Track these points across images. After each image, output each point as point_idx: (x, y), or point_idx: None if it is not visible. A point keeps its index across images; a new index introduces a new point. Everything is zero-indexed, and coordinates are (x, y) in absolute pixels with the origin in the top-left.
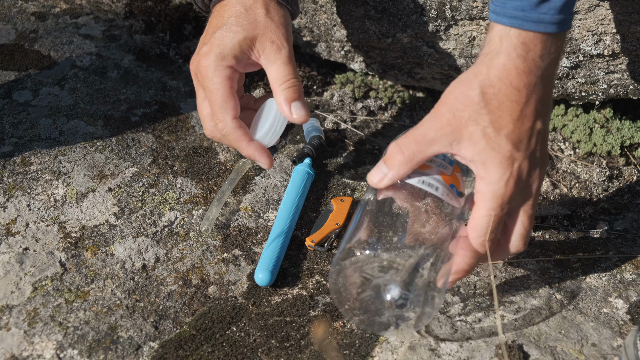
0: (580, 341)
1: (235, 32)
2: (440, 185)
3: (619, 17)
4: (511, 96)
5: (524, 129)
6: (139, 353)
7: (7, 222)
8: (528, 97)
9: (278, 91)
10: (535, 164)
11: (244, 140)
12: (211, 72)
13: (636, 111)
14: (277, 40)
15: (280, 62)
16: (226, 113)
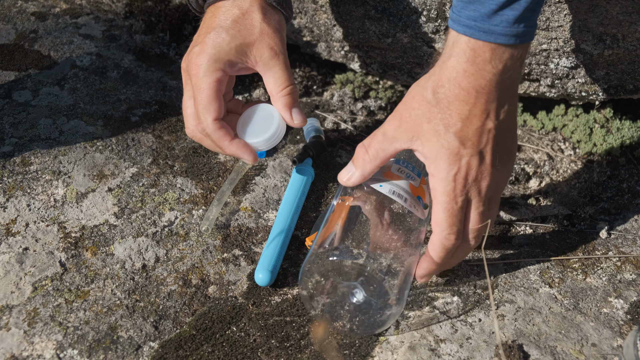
0: (580, 341)
1: (232, 35)
2: (408, 197)
3: (619, 17)
4: (459, 96)
5: (472, 127)
6: (139, 353)
7: (7, 222)
8: (477, 98)
9: (278, 97)
10: (484, 162)
11: (225, 140)
12: (202, 72)
13: (636, 111)
14: (274, 46)
15: (278, 69)
16: (208, 114)
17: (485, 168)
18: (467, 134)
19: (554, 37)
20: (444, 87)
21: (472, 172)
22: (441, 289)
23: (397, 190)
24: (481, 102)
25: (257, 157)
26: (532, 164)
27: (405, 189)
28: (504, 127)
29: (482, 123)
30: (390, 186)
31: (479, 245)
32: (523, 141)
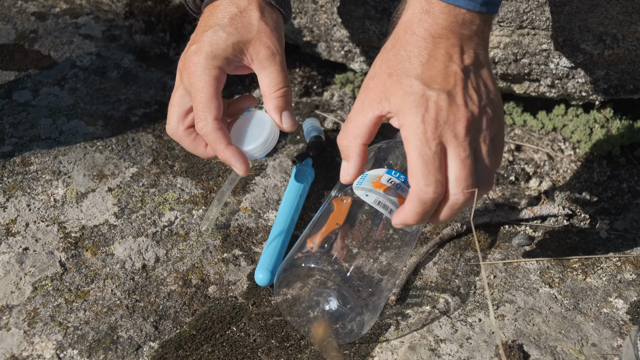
0: (580, 341)
1: (229, 33)
2: (394, 208)
3: (619, 17)
4: (417, 43)
5: (435, 69)
6: (139, 353)
7: (7, 222)
8: (434, 43)
9: (270, 98)
10: (455, 102)
11: (222, 143)
12: (200, 70)
13: (636, 111)
14: (271, 45)
15: (273, 69)
16: (209, 113)
17: (458, 108)
18: (430, 75)
19: (554, 37)
20: (401, 40)
21: (442, 112)
22: (441, 289)
23: (382, 200)
24: (440, 47)
25: (249, 168)
26: (532, 164)
27: (393, 200)
28: (472, 71)
29: (444, 65)
30: (376, 196)
31: (480, 247)
32: (523, 141)
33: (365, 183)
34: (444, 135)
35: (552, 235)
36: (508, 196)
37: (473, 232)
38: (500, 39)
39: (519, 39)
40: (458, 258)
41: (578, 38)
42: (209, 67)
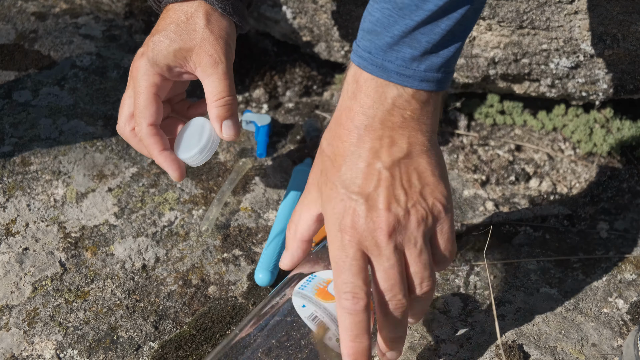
0: (580, 341)
1: (172, 40)
2: (332, 326)
3: (619, 17)
4: (341, 136)
5: (356, 170)
6: (139, 353)
7: (7, 222)
8: (359, 137)
9: (211, 107)
10: (376, 208)
11: (156, 149)
12: (141, 75)
13: (636, 111)
14: (214, 54)
15: (215, 77)
16: (144, 118)
17: (378, 214)
18: (351, 177)
19: (554, 37)
20: (329, 132)
21: (360, 220)
22: (441, 289)
23: (320, 315)
24: (365, 141)
25: (183, 174)
26: (532, 164)
27: (334, 316)
28: (404, 164)
29: (367, 163)
30: (313, 310)
31: (479, 248)
32: (523, 141)
33: (309, 288)
34: (363, 243)
35: (552, 235)
36: (508, 196)
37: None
38: (500, 39)
39: (519, 39)
40: (458, 258)
41: (578, 38)
42: (148, 73)
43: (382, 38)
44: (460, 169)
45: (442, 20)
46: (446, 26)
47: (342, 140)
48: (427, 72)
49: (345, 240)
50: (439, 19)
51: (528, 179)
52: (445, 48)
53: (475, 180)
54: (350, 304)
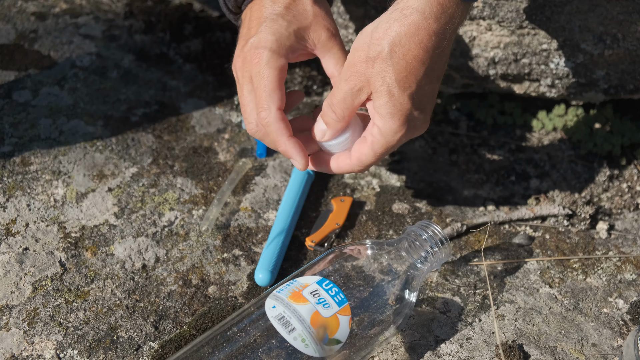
0: (580, 341)
1: (289, 21)
2: (299, 328)
3: (619, 17)
4: (418, 56)
5: (426, 90)
6: (139, 353)
7: (7, 222)
8: (434, 60)
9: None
10: (425, 115)
11: (284, 134)
12: (265, 60)
13: (636, 111)
14: (330, 27)
15: (337, 49)
16: (272, 102)
17: (423, 123)
18: (420, 96)
19: (554, 37)
20: (403, 46)
21: (413, 131)
22: (441, 289)
23: (287, 316)
24: (438, 65)
25: (308, 163)
26: (532, 164)
27: (302, 318)
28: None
29: (430, 83)
30: (282, 310)
31: (479, 248)
32: (523, 141)
33: (285, 291)
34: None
35: (552, 235)
36: (508, 196)
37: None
38: (500, 39)
39: (519, 39)
40: (458, 258)
41: (578, 38)
42: (274, 58)
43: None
44: (460, 169)
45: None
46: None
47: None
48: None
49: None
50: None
51: (528, 179)
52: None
53: (475, 180)
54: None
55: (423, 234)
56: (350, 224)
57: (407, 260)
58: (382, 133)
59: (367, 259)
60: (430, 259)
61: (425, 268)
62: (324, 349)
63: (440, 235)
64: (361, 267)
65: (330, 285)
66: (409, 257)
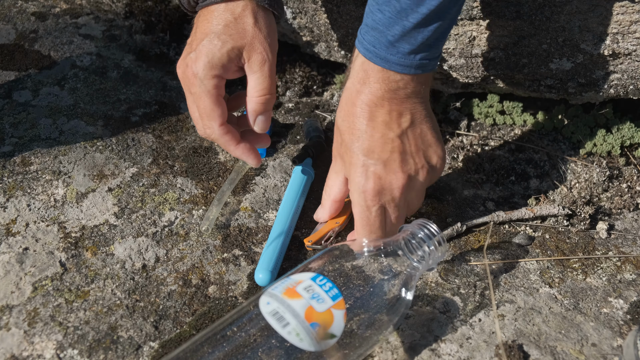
0: (580, 341)
1: (224, 41)
2: (293, 322)
3: (619, 17)
4: (356, 113)
5: (374, 140)
6: (139, 353)
7: (7, 222)
8: (372, 112)
9: (251, 101)
10: (392, 169)
11: (231, 145)
12: (199, 81)
13: (636, 111)
14: (263, 52)
15: (260, 74)
16: (213, 121)
17: (395, 175)
18: (370, 145)
19: (554, 37)
20: (342, 110)
21: (380, 180)
22: (441, 289)
23: (281, 311)
24: (378, 115)
25: (260, 160)
26: (532, 164)
27: (296, 312)
28: (410, 130)
29: (382, 134)
30: (276, 306)
31: (479, 248)
32: (523, 141)
33: (279, 288)
34: (382, 199)
35: (552, 235)
36: (508, 196)
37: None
38: (500, 39)
39: (519, 39)
40: (458, 258)
41: (578, 38)
42: (208, 77)
43: (385, 36)
44: (460, 169)
45: (434, 20)
46: (437, 25)
47: (356, 116)
48: (422, 60)
49: (368, 200)
50: (431, 20)
51: (528, 179)
52: (437, 40)
53: (475, 180)
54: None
55: (419, 232)
56: (350, 223)
57: (403, 258)
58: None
59: (364, 257)
60: (427, 258)
61: (422, 266)
62: (319, 343)
63: (436, 234)
64: (357, 265)
65: (324, 281)
66: (406, 256)
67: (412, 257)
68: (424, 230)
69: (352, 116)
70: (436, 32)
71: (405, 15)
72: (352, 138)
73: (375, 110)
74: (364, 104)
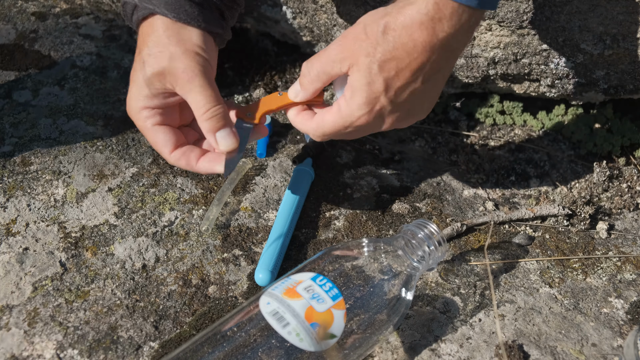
0: (580, 341)
1: (149, 65)
2: (293, 323)
3: (620, 17)
4: (406, 46)
5: (402, 79)
6: (139, 353)
7: (7, 222)
8: (420, 54)
9: (201, 123)
10: (396, 112)
11: (191, 165)
12: (133, 116)
13: (636, 111)
14: (186, 69)
15: (194, 92)
16: (164, 151)
17: (392, 118)
18: (394, 83)
19: (554, 37)
20: (395, 32)
21: (380, 117)
22: (441, 289)
23: (281, 311)
24: (421, 59)
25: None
26: (532, 164)
27: (296, 313)
28: (429, 87)
29: (411, 79)
30: (276, 306)
31: (479, 248)
32: (523, 141)
33: (279, 289)
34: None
35: (552, 235)
36: (508, 196)
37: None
38: (500, 39)
39: (519, 39)
40: (458, 258)
41: (578, 38)
42: (135, 111)
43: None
44: (461, 169)
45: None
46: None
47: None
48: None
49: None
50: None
51: (528, 179)
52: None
53: (475, 180)
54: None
55: (419, 232)
56: (350, 224)
57: (403, 258)
58: (346, 105)
59: (364, 257)
60: (427, 258)
61: (422, 266)
62: (319, 344)
63: (437, 234)
64: (357, 265)
65: (324, 281)
66: (406, 256)
67: (412, 257)
68: (423, 230)
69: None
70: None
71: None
72: (385, 65)
73: (424, 53)
74: (421, 42)
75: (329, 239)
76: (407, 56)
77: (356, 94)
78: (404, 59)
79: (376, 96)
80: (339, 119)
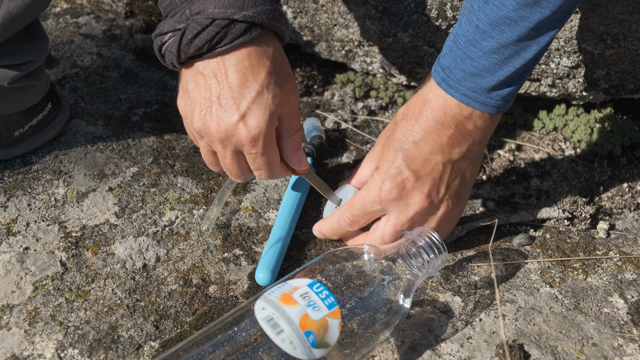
0: (581, 341)
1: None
2: (287, 330)
3: (620, 17)
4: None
5: (420, 152)
6: (139, 352)
7: (7, 222)
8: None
9: (288, 141)
10: (422, 189)
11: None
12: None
13: (637, 111)
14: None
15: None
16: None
17: (419, 195)
18: (414, 156)
19: (555, 36)
20: (409, 107)
21: (405, 191)
22: (441, 289)
23: (276, 317)
24: (439, 134)
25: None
26: (533, 164)
27: (291, 319)
28: (456, 164)
29: (430, 151)
30: (271, 312)
31: (480, 248)
32: (524, 141)
33: (276, 294)
34: (393, 209)
35: (552, 235)
36: (508, 196)
37: (490, 257)
38: None
39: None
40: (458, 258)
41: (579, 38)
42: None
43: (488, 82)
44: None
45: (531, 64)
46: (530, 68)
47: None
48: (504, 101)
49: (380, 197)
50: (530, 65)
51: (528, 179)
52: (520, 81)
53: (475, 180)
54: (343, 228)
55: (420, 240)
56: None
57: (403, 266)
58: (372, 180)
59: (363, 263)
60: (427, 266)
61: (422, 274)
62: (312, 352)
63: (437, 242)
64: (356, 272)
65: (321, 288)
66: (406, 264)
67: (412, 265)
68: (424, 238)
69: (415, 122)
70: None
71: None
72: (402, 138)
73: (439, 127)
74: (433, 117)
75: (329, 239)
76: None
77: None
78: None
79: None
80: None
